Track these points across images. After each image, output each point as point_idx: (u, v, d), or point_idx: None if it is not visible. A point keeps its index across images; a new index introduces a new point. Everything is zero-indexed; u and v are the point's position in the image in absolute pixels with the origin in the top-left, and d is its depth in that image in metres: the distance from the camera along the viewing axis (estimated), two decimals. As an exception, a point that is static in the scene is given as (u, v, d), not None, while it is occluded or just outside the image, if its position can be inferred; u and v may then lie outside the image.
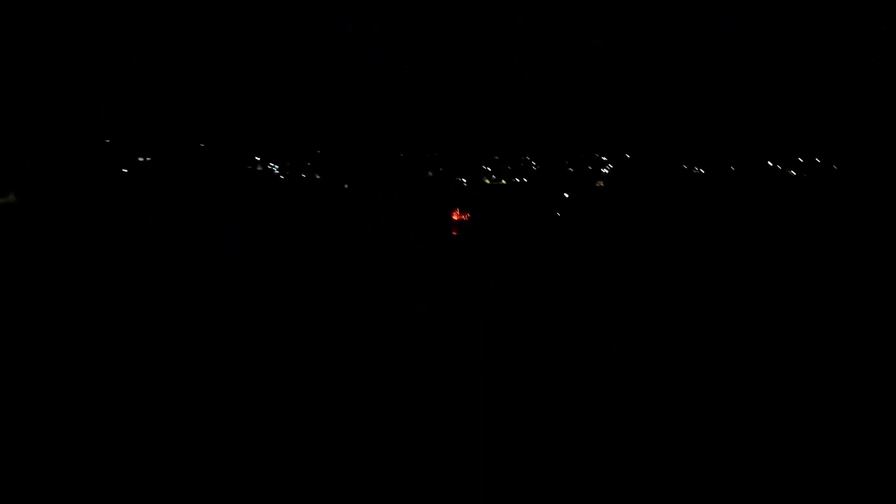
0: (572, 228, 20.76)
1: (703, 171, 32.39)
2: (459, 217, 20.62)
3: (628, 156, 33.50)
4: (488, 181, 38.86)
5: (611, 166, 34.39)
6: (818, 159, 31.72)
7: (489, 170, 38.58)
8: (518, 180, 36.23)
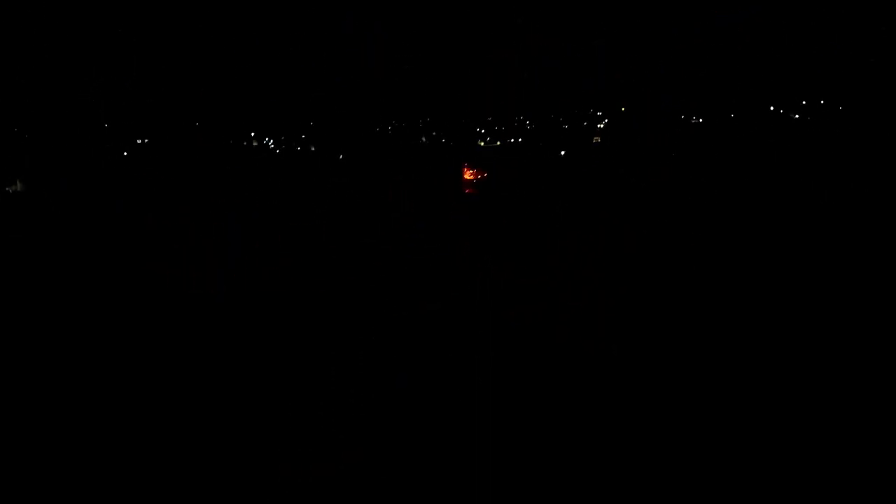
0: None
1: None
2: (472, 175, 20.35)
3: (623, 109, 33.44)
4: (482, 143, 38.72)
5: (606, 121, 34.36)
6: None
7: (482, 132, 38.51)
8: (513, 140, 36.09)
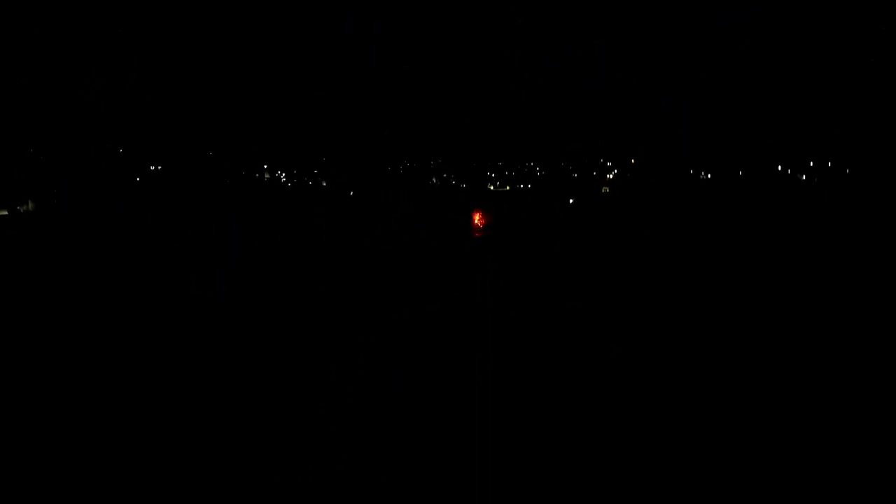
0: (579, 229, 20.76)
1: (703, 172, 32.48)
2: (481, 220, 20.72)
3: (633, 161, 33.58)
4: (492, 187, 38.78)
5: (616, 171, 34.42)
6: (818, 159, 31.83)
7: (493, 176, 38.54)
8: (523, 186, 36.27)
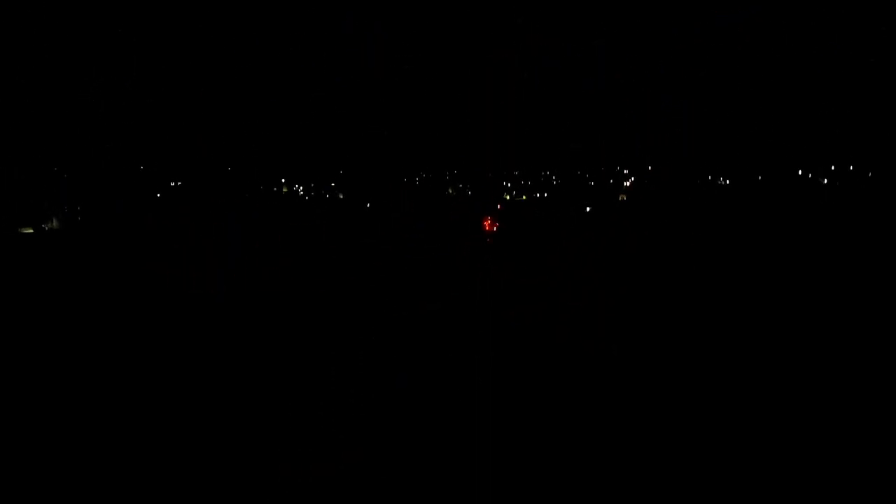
0: (593, 235, 20.72)
1: (721, 178, 32.47)
2: (491, 226, 20.72)
3: (650, 168, 33.46)
4: (508, 197, 38.76)
5: (633, 178, 34.24)
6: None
7: (509, 185, 38.51)
8: (539, 195, 36.14)
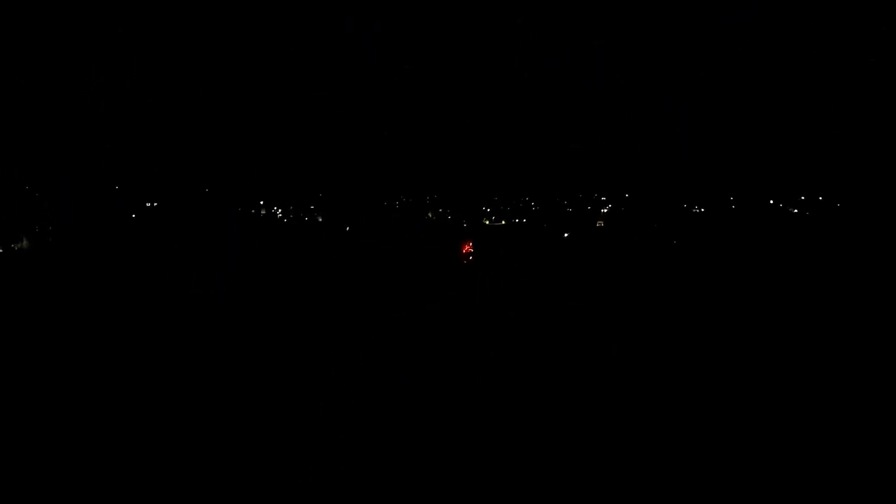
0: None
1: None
2: (468, 249, 20.81)
3: (627, 195, 33.59)
4: (488, 222, 39.07)
5: (609, 206, 34.42)
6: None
7: (488, 210, 38.79)
8: (517, 221, 36.42)
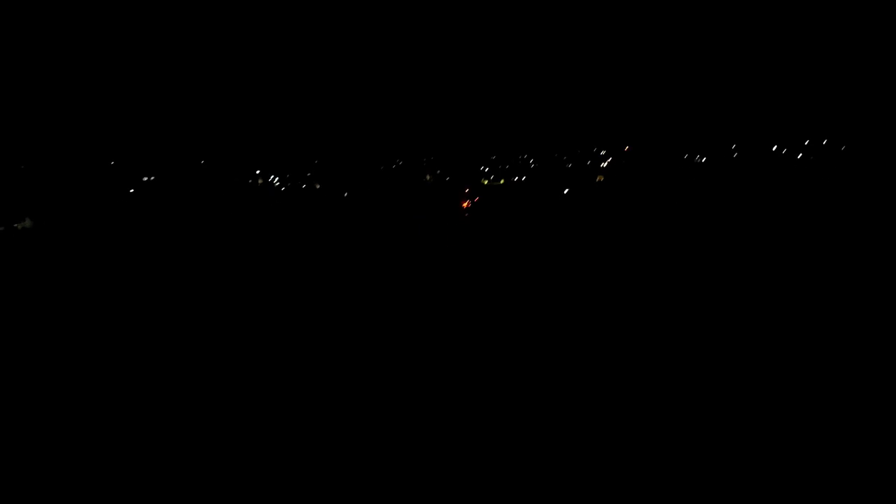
0: (574, 222, 20.71)
1: (702, 160, 32.44)
2: (468, 205, 20.82)
3: (626, 148, 33.46)
4: (486, 182, 38.67)
5: (610, 160, 34.30)
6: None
7: (486, 170, 38.48)
8: (517, 179, 36.14)
